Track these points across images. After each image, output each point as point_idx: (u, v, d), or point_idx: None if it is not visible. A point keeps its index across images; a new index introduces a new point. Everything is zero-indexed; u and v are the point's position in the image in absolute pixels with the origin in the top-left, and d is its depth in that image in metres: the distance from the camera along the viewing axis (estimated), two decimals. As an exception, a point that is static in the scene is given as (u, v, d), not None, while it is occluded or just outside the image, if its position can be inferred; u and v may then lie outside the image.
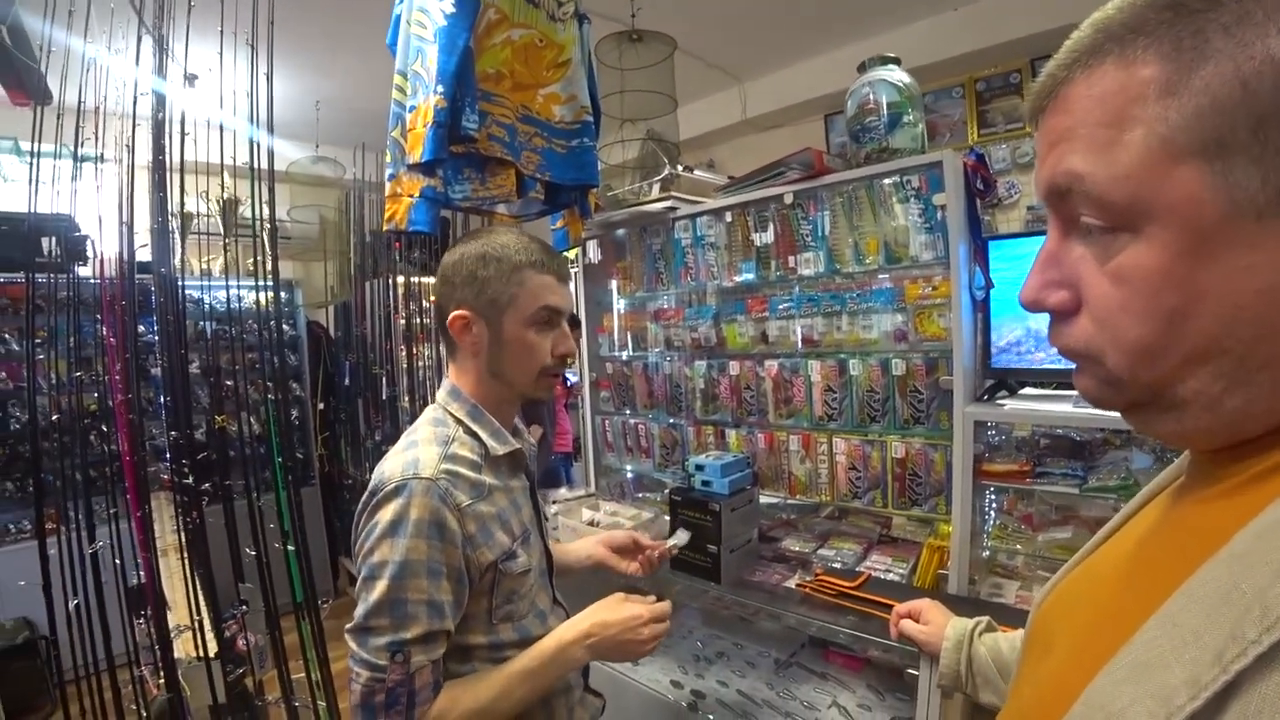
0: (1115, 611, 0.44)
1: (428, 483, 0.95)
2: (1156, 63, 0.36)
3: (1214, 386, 0.38)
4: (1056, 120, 0.41)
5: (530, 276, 1.04)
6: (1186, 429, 0.41)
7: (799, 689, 1.82)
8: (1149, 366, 0.39)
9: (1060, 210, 0.43)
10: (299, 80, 3.40)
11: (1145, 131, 0.36)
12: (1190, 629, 0.33)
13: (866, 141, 1.65)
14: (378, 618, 0.91)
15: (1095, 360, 0.42)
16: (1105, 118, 0.38)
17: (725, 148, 4.12)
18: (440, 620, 0.94)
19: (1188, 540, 0.42)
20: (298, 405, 4.24)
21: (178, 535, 1.93)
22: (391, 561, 0.91)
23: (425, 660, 0.93)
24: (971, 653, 0.98)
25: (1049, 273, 0.44)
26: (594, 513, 2.08)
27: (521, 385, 1.09)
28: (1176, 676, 0.32)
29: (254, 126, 1.88)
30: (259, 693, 1.90)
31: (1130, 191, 0.37)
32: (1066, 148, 0.40)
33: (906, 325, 1.64)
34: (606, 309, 2.43)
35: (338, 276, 4.25)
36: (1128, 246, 0.38)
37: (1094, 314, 0.41)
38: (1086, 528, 1.50)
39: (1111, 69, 0.38)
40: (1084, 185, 0.39)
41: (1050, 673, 0.49)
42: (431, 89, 1.50)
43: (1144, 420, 0.43)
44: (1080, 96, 0.40)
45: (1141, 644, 0.36)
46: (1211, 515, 0.41)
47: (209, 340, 2.51)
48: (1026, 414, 1.48)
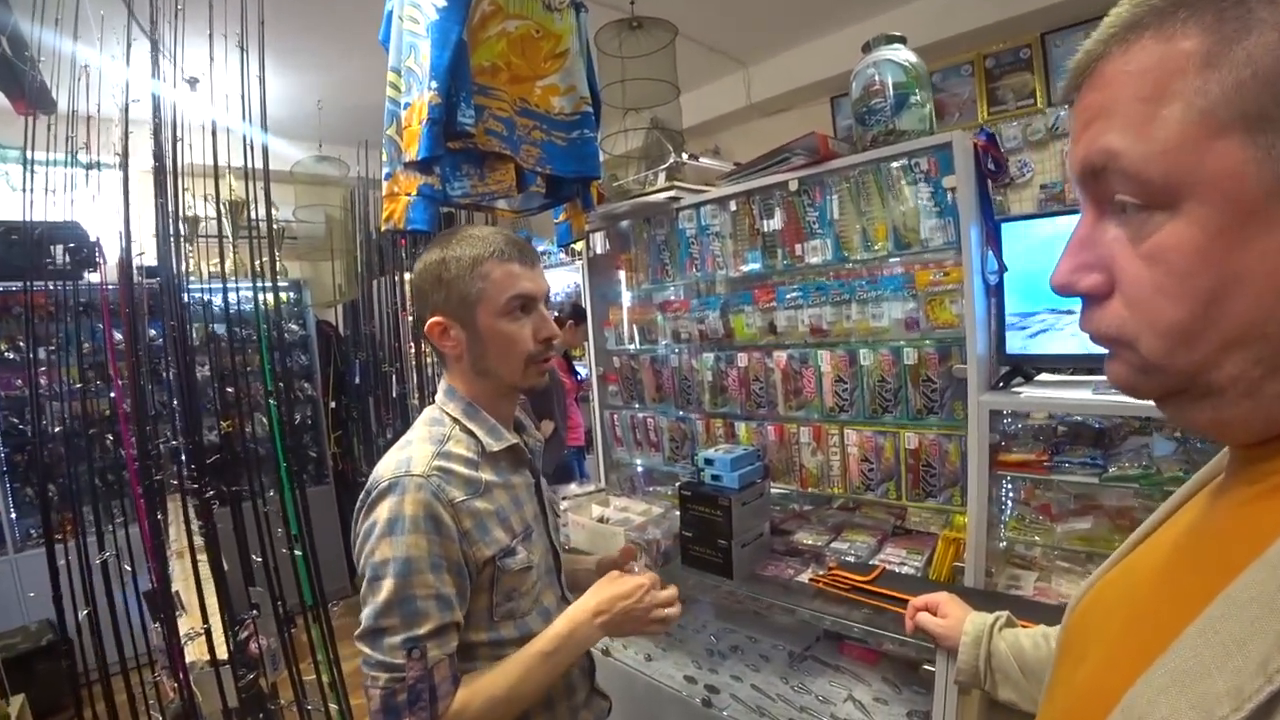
0: (1153, 617, 0.43)
1: (420, 479, 0.95)
2: (1197, 35, 0.35)
3: (1253, 371, 0.36)
4: (1093, 97, 0.40)
5: (494, 268, 1.03)
6: (1224, 417, 0.39)
7: (814, 683, 1.80)
8: (1185, 351, 0.38)
9: (1094, 190, 0.41)
10: (299, 80, 3.39)
11: (1184, 105, 0.35)
12: (1233, 637, 0.32)
13: (873, 124, 1.60)
14: (388, 617, 0.91)
15: (1129, 346, 0.41)
16: (1143, 92, 0.37)
17: (730, 134, 4.06)
18: (450, 613, 0.94)
19: (1228, 544, 0.40)
20: (309, 404, 4.26)
21: (189, 540, 1.93)
22: (394, 559, 0.91)
23: (441, 654, 0.92)
24: (991, 648, 0.97)
25: (1081, 255, 0.42)
26: (604, 509, 2.07)
27: (510, 378, 1.08)
28: (1219, 686, 0.31)
29: (247, 124, 1.86)
30: (273, 695, 1.91)
31: (1168, 167, 0.36)
32: (1103, 125, 0.39)
33: (917, 312, 1.60)
34: (613, 302, 2.41)
35: (345, 275, 4.26)
36: (1164, 225, 0.37)
37: (1128, 297, 0.40)
38: (1107, 518, 1.46)
39: (1150, 43, 0.37)
40: (1120, 162, 0.38)
41: (1086, 678, 0.47)
42: (425, 85, 1.47)
43: (1178, 409, 0.42)
44: (1117, 72, 0.38)
45: (1182, 651, 0.35)
46: (1252, 518, 0.39)
47: (216, 343, 2.51)
48: (1043, 401, 1.43)
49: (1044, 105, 2.96)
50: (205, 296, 2.90)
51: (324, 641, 1.88)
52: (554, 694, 1.09)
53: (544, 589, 1.12)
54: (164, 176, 2.01)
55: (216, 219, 2.16)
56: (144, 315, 2.71)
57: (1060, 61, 2.90)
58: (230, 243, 3.41)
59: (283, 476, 1.96)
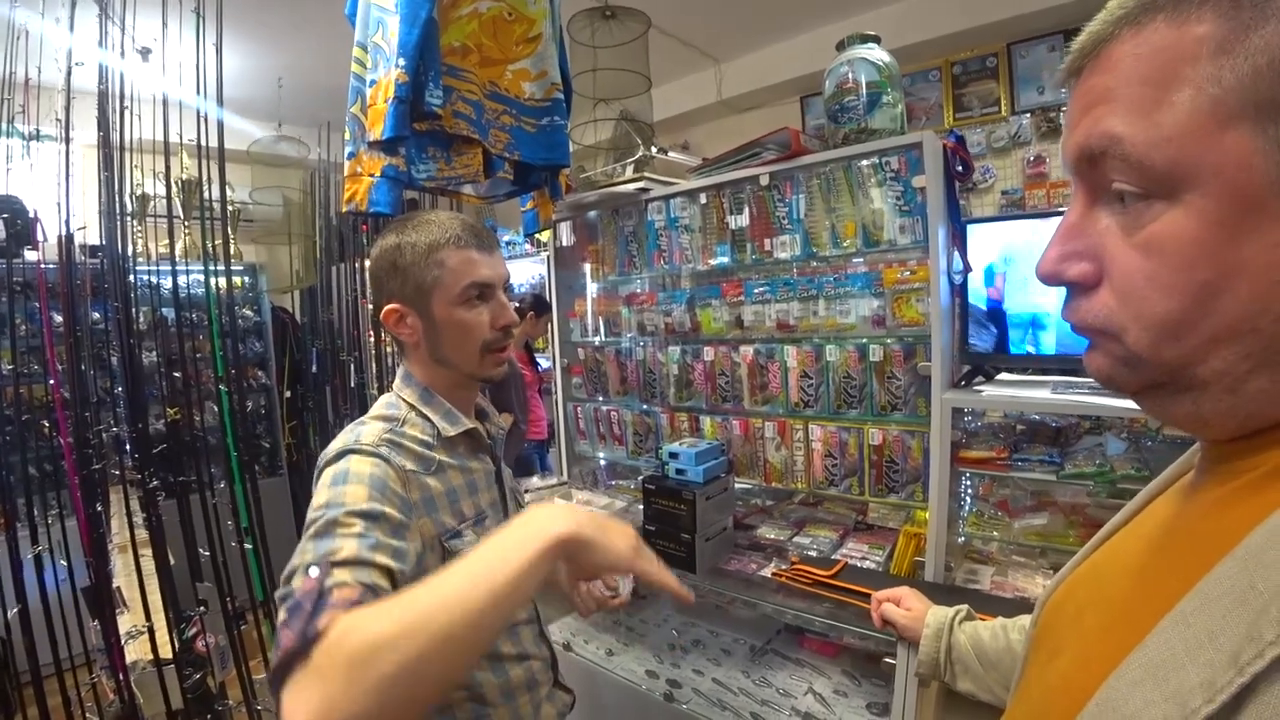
0: (1126, 611, 0.43)
1: (368, 449, 0.91)
2: (1213, 20, 0.34)
3: (1240, 367, 0.36)
4: (1096, 80, 0.39)
5: (449, 255, 1.00)
6: (1203, 412, 0.39)
7: (775, 676, 1.81)
8: (1173, 343, 0.37)
9: (1089, 177, 0.40)
10: (259, 56, 3.27)
11: (1194, 92, 0.34)
12: (1205, 630, 0.32)
13: (845, 122, 1.61)
14: (303, 551, 0.77)
15: (1114, 337, 0.40)
16: (1151, 77, 0.36)
17: (701, 129, 4.06)
18: (371, 550, 0.77)
19: (1200, 539, 0.40)
20: (264, 393, 4.13)
21: (130, 533, 1.84)
22: (328, 504, 0.82)
23: (350, 579, 0.72)
24: (951, 641, 0.98)
25: (1070, 244, 0.42)
26: (566, 502, 2.04)
27: (466, 367, 1.05)
28: (1192, 679, 0.32)
29: (201, 98, 1.78)
30: (221, 695, 1.83)
31: (1172, 155, 0.35)
32: (1105, 109, 0.38)
33: (884, 310, 1.62)
34: (579, 293, 2.38)
35: (303, 260, 4.12)
36: (1162, 215, 0.36)
37: (1117, 287, 0.39)
38: (1061, 514, 1.50)
39: (1163, 26, 0.36)
40: (1122, 148, 0.37)
41: (1060, 673, 0.48)
42: (393, 62, 1.43)
43: (1158, 403, 0.41)
44: (1126, 55, 0.37)
45: (1155, 645, 0.35)
46: (1224, 514, 0.39)
47: (165, 327, 2.40)
48: (1004, 400, 1.46)
49: (1008, 113, 3.03)
50: (154, 279, 2.78)
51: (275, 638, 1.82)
52: (515, 686, 1.06)
53: None
54: (110, 150, 1.91)
55: (164, 198, 2.05)
56: (86, 296, 2.59)
57: (1025, 72, 2.97)
58: (182, 223, 3.30)
59: (233, 467, 1.88)
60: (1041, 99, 2.93)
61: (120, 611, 1.90)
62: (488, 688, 1.03)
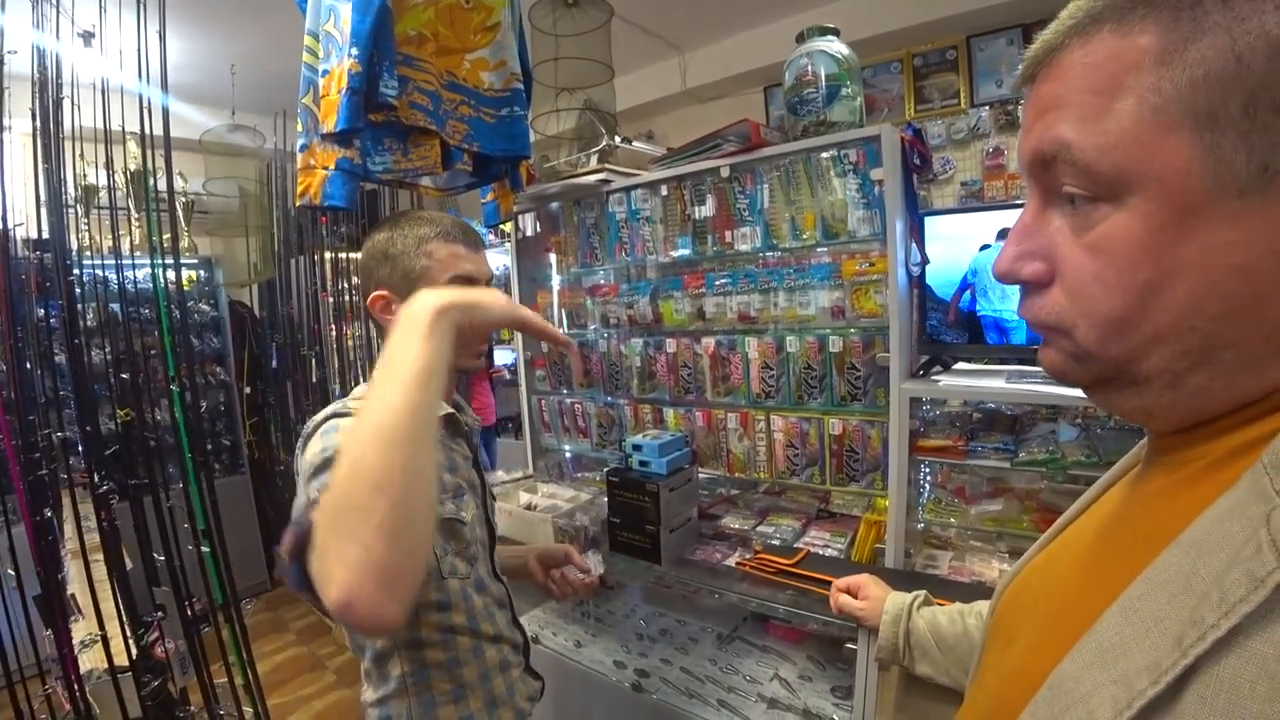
0: (1078, 599, 0.45)
1: (353, 415, 0.92)
2: (1154, 32, 0.36)
3: (1178, 364, 0.38)
4: (1048, 87, 0.41)
5: (438, 247, 1.06)
6: (1148, 405, 0.41)
7: (742, 663, 1.84)
8: (1118, 340, 0.39)
9: (1042, 179, 0.42)
10: (210, 41, 3.15)
11: (1137, 100, 0.36)
12: (1151, 615, 0.34)
13: (804, 114, 1.61)
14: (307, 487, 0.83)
15: (1065, 333, 0.42)
16: (1098, 85, 0.38)
17: (666, 119, 4.04)
18: None
19: (1147, 528, 0.42)
20: (223, 390, 4.02)
21: (79, 539, 1.79)
22: (324, 449, 0.86)
23: None
24: (910, 626, 1.00)
25: (1024, 244, 0.44)
26: (532, 495, 2.04)
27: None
28: (1138, 661, 0.33)
29: (144, 83, 1.72)
30: (183, 701, 1.79)
31: (1117, 160, 0.37)
32: (1056, 115, 0.40)
33: (844, 301, 1.63)
34: (542, 285, 2.37)
35: (260, 253, 4.01)
36: (1108, 217, 0.38)
37: (1067, 286, 0.41)
38: (1016, 499, 1.54)
39: (1109, 36, 0.38)
40: (1071, 153, 0.39)
41: (1015, 660, 0.49)
42: (345, 51, 1.38)
43: (1106, 397, 0.44)
44: (1074, 63, 0.39)
45: (1104, 630, 0.36)
46: (1169, 503, 0.41)
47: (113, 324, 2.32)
48: (961, 390, 1.49)
49: (967, 106, 3.06)
50: (102, 273, 2.68)
51: (236, 642, 1.78)
52: (491, 667, 1.09)
53: (479, 557, 1.11)
54: (49, 140, 1.83)
55: (109, 189, 1.98)
56: (30, 292, 2.49)
57: (984, 65, 3.01)
58: (131, 215, 3.18)
59: (188, 467, 1.84)
60: (1000, 92, 2.97)
61: (75, 619, 1.84)
62: (466, 668, 1.06)
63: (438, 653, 1.03)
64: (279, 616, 3.68)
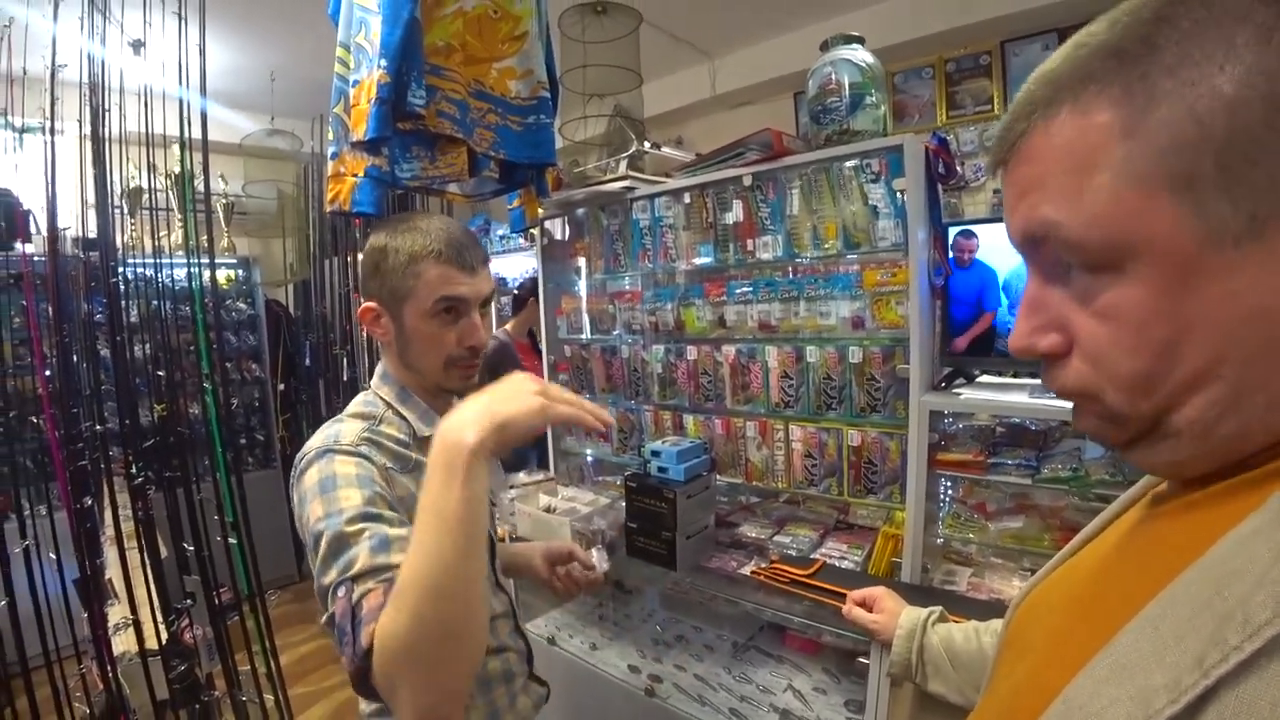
0: (1095, 614, 0.44)
1: (348, 448, 0.94)
2: (1110, 108, 0.36)
3: (1208, 414, 0.38)
4: (1023, 170, 0.41)
5: (428, 267, 1.00)
6: (1179, 459, 0.41)
7: (756, 672, 1.83)
8: (1146, 396, 0.39)
9: (1036, 256, 0.43)
10: (251, 50, 3.26)
11: (1112, 175, 0.37)
12: (1172, 633, 0.33)
13: (827, 123, 1.61)
14: (326, 570, 0.84)
15: (1093, 398, 0.42)
16: (1070, 165, 0.38)
17: (694, 125, 4.05)
18: (385, 554, 0.83)
19: (1169, 546, 0.42)
20: (258, 386, 4.14)
21: (116, 526, 1.86)
22: (328, 514, 0.86)
23: (373, 584, 0.79)
24: (924, 642, 0.99)
25: (1035, 318, 0.43)
26: (551, 498, 2.06)
27: (431, 376, 1.07)
28: (1157, 679, 0.32)
29: (184, 88, 1.78)
30: (208, 686, 1.85)
31: (1105, 234, 0.37)
32: (1037, 196, 0.40)
33: (864, 312, 1.62)
34: (567, 290, 2.39)
35: (297, 254, 4.13)
36: (1111, 286, 0.38)
37: (1086, 353, 0.41)
38: (1039, 517, 1.51)
39: (1068, 117, 0.38)
40: (1060, 232, 0.39)
41: (1028, 672, 0.49)
42: (375, 63, 1.42)
43: (1143, 455, 0.43)
44: (1042, 146, 0.40)
45: (1122, 646, 0.36)
46: (1191, 523, 0.41)
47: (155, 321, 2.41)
48: (982, 403, 1.47)
49: (1001, 111, 3.01)
50: (147, 272, 2.78)
51: (260, 631, 1.84)
52: (492, 678, 1.09)
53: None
54: (99, 144, 1.92)
55: (150, 191, 2.06)
56: (80, 289, 2.59)
57: (1019, 70, 2.96)
58: (175, 216, 3.29)
59: (219, 461, 1.90)
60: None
61: (111, 603, 1.91)
62: None
63: None
64: (306, 608, 3.76)
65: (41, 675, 1.95)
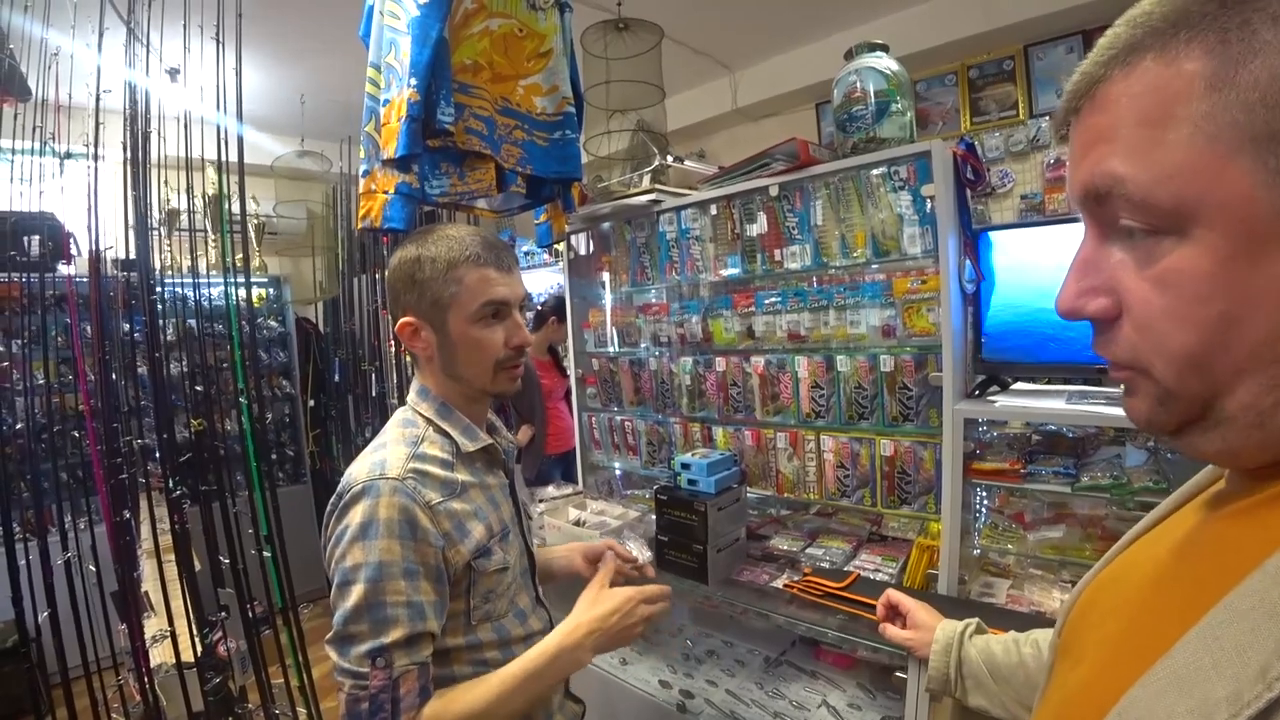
0: (1152, 621, 0.43)
1: (395, 483, 0.93)
2: (1201, 57, 0.34)
3: (1264, 399, 0.36)
4: (1094, 120, 0.39)
5: (468, 272, 1.00)
6: (1232, 446, 0.38)
7: (789, 688, 1.80)
8: (1197, 376, 0.37)
9: (1097, 214, 0.40)
10: (281, 73, 3.34)
11: (1191, 130, 0.34)
12: (1234, 643, 0.32)
13: (853, 131, 1.60)
14: (356, 624, 0.88)
15: (1143, 372, 0.40)
16: (1147, 117, 0.36)
17: (717, 138, 4.06)
18: (422, 621, 0.90)
19: (1226, 551, 0.40)
20: (288, 402, 4.21)
21: (154, 540, 1.89)
22: (366, 564, 0.89)
23: (409, 664, 0.89)
24: (962, 655, 0.96)
25: (1087, 279, 0.41)
26: (581, 512, 2.05)
27: (479, 382, 1.06)
28: (1218, 691, 0.31)
29: (221, 114, 1.84)
30: (241, 698, 1.87)
31: (1175, 193, 0.35)
32: (1106, 149, 0.38)
33: (895, 320, 1.61)
34: (593, 303, 2.40)
35: (326, 272, 4.20)
36: (1173, 251, 0.36)
37: (1136, 322, 0.39)
38: (1079, 526, 1.47)
39: (1152, 65, 0.36)
40: (1125, 188, 0.37)
41: (1081, 681, 0.47)
42: (405, 82, 1.46)
43: (1190, 442, 0.41)
44: (1119, 95, 0.37)
45: (1181, 656, 0.35)
46: (1253, 526, 0.39)
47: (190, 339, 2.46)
48: (1018, 411, 1.44)
49: (1025, 116, 2.98)
50: (183, 291, 2.85)
51: (293, 645, 1.85)
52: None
53: (519, 590, 1.10)
54: (138, 168, 1.98)
55: (188, 213, 2.12)
56: (118, 309, 2.66)
57: (1043, 74, 2.93)
58: (210, 237, 3.38)
59: (254, 475, 1.93)
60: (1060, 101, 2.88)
61: (147, 616, 1.95)
62: None
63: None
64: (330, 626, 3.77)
65: (81, 686, 1.98)
